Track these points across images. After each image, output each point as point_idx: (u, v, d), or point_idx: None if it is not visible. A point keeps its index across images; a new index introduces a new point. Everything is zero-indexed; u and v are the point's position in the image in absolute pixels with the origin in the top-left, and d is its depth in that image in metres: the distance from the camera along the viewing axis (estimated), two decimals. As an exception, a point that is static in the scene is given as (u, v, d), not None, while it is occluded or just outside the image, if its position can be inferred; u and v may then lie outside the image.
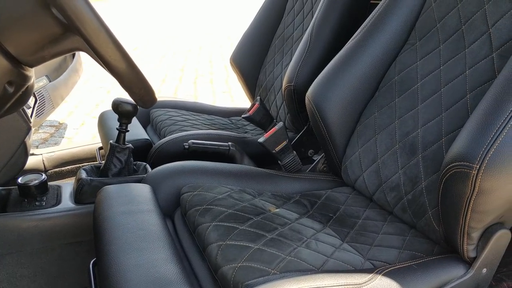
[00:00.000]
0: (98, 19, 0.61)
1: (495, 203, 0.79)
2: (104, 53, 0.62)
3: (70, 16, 0.58)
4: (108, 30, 0.63)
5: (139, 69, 0.68)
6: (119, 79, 0.67)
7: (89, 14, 0.59)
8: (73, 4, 0.57)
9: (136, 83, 0.68)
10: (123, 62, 0.64)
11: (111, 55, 0.63)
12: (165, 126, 1.65)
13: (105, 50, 0.62)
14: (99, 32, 0.61)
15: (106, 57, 0.63)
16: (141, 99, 0.74)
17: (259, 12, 1.98)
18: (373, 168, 1.12)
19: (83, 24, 0.59)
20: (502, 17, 0.94)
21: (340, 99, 1.19)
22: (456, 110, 0.96)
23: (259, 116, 1.50)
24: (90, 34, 0.60)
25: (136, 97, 0.73)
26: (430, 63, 1.07)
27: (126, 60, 0.65)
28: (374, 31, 1.19)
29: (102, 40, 0.61)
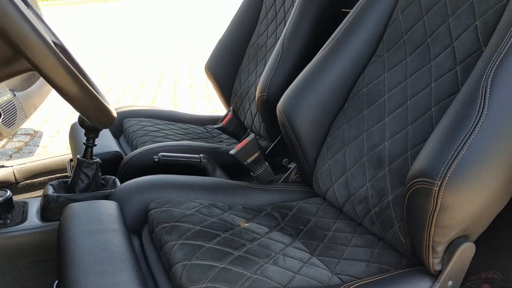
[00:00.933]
0: (46, 44, 0.59)
1: (458, 218, 0.80)
2: (53, 78, 0.60)
3: (15, 41, 0.56)
4: (57, 54, 0.61)
5: (93, 91, 0.67)
6: (71, 103, 0.66)
7: (36, 39, 0.57)
8: (18, 29, 0.55)
9: (90, 106, 0.66)
10: (75, 86, 0.63)
11: (61, 80, 0.61)
12: (137, 137, 1.63)
13: (55, 74, 0.60)
14: (47, 57, 0.59)
15: (56, 82, 0.61)
16: (97, 121, 0.72)
17: (233, 20, 1.97)
18: (342, 180, 1.12)
19: (29, 50, 0.57)
20: (465, 30, 0.94)
21: (310, 110, 1.19)
22: (421, 123, 0.96)
23: (232, 126, 1.49)
24: (37, 59, 0.58)
25: (92, 119, 0.71)
26: (397, 76, 1.07)
27: (78, 83, 0.64)
28: (342, 43, 1.19)
29: (50, 65, 0.59)
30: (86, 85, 0.64)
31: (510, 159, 0.78)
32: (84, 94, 0.64)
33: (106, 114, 0.72)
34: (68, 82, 0.62)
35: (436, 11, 1.02)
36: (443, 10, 1.01)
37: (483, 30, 0.91)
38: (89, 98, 0.65)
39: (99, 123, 0.73)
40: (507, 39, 0.79)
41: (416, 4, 1.08)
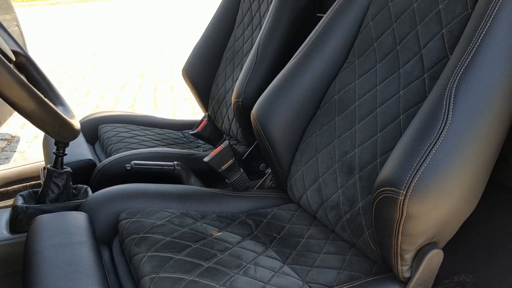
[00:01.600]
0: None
1: (424, 226, 0.80)
2: (8, 94, 0.59)
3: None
4: (11, 69, 0.60)
5: (51, 106, 0.65)
6: (28, 119, 0.64)
7: (-14, 56, 0.56)
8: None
9: (48, 121, 0.65)
10: (31, 102, 0.61)
11: (16, 96, 0.60)
12: (111, 143, 1.61)
13: (9, 91, 0.59)
14: (0, 74, 0.57)
15: (10, 98, 0.60)
16: (58, 135, 0.71)
17: (210, 24, 1.96)
18: (315, 187, 1.12)
19: (-20, 68, 0.56)
20: (432, 38, 0.95)
21: (284, 117, 1.19)
22: (390, 131, 0.97)
23: (207, 132, 1.48)
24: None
25: (52, 134, 0.70)
26: (367, 83, 1.08)
27: (35, 99, 0.62)
28: (315, 49, 1.19)
29: (4, 81, 0.58)
30: (43, 101, 0.62)
31: (474, 167, 0.79)
32: (42, 109, 0.63)
33: (67, 128, 0.70)
34: (23, 97, 0.60)
35: (405, 18, 1.03)
36: (411, 18, 1.01)
37: (449, 39, 0.92)
38: (46, 114, 0.64)
39: (60, 137, 0.71)
40: (470, 48, 0.80)
41: (386, 11, 1.09)
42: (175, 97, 4.34)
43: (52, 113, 0.65)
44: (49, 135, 0.73)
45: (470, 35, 0.82)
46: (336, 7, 1.19)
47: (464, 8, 0.90)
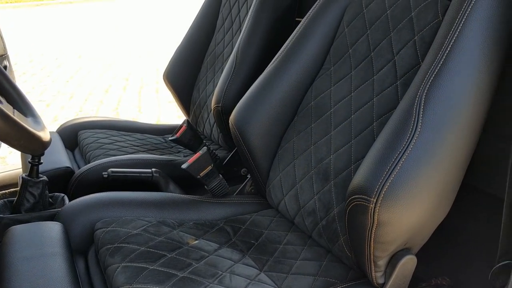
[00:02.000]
0: None
1: (396, 233, 0.81)
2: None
3: None
4: None
5: (15, 119, 0.64)
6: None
7: None
8: None
9: (12, 135, 0.64)
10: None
11: (-24, 111, 0.59)
12: (90, 150, 1.60)
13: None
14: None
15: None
16: (25, 148, 0.70)
17: (191, 28, 1.95)
18: (292, 193, 1.13)
19: None
20: (405, 45, 0.96)
21: (261, 123, 1.19)
22: (363, 137, 0.97)
23: (186, 138, 1.48)
24: None
25: (18, 148, 0.69)
26: (342, 89, 1.08)
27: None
28: (292, 55, 1.20)
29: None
30: (5, 114, 0.61)
31: (444, 175, 0.80)
32: (4, 123, 0.62)
33: (34, 141, 0.70)
34: None
35: (379, 25, 1.04)
36: (385, 24, 1.02)
37: (421, 46, 0.93)
38: (10, 127, 0.63)
39: (27, 150, 0.71)
40: (440, 56, 0.81)
41: (360, 18, 1.09)
42: (159, 100, 4.32)
43: (17, 127, 0.64)
44: (15, 149, 0.73)
45: (440, 43, 0.83)
46: (312, 14, 1.20)
47: (435, 16, 0.91)
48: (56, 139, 1.73)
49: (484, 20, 0.81)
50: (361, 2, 1.11)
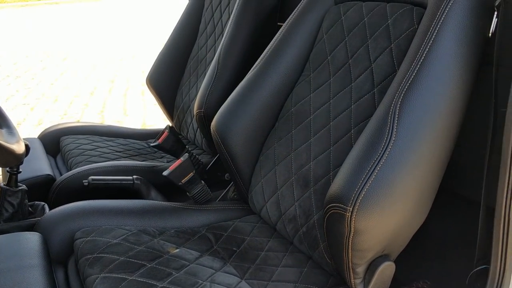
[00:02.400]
0: None
1: (373, 241, 0.81)
2: None
3: None
4: None
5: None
6: None
7: None
8: None
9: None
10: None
11: None
12: (72, 156, 1.59)
13: None
14: None
15: None
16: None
17: (174, 32, 1.95)
18: (274, 199, 1.13)
19: None
20: (382, 53, 0.97)
21: (243, 129, 1.19)
22: (342, 144, 0.98)
23: (168, 144, 1.47)
24: None
25: (-10, 162, 0.68)
26: (322, 96, 1.09)
27: None
28: (272, 62, 1.20)
29: None
30: None
31: (419, 183, 0.80)
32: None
33: (6, 154, 0.69)
34: None
35: (357, 32, 1.04)
36: (363, 32, 1.03)
37: (397, 53, 0.93)
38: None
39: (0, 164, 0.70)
40: (414, 65, 0.82)
41: (338, 25, 1.10)
42: (145, 103, 4.30)
43: None
44: None
45: (414, 52, 0.84)
46: (291, 21, 1.20)
47: (411, 24, 0.92)
48: (37, 145, 1.71)
49: (458, 28, 0.82)
50: (339, 9, 1.11)
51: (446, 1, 0.83)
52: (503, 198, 0.81)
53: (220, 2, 1.78)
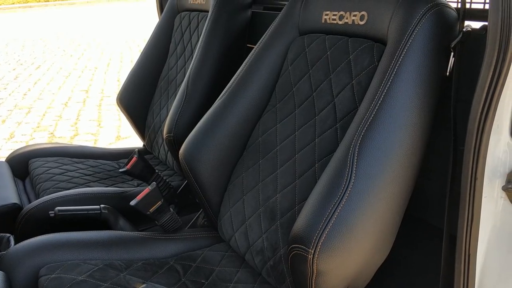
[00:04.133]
0: None
1: (336, 280, 0.82)
2: None
3: None
4: None
5: None
6: None
7: None
8: None
9: None
10: None
11: None
12: (40, 182, 1.56)
13: None
14: None
15: None
16: None
17: (144, 51, 1.94)
18: (242, 230, 1.13)
19: None
20: (343, 88, 0.98)
21: (211, 158, 1.19)
22: (306, 178, 0.99)
23: (137, 169, 1.46)
24: None
25: None
26: (287, 128, 1.09)
27: None
28: (239, 90, 1.21)
29: None
30: None
31: (379, 223, 0.82)
32: None
33: None
34: None
35: (320, 66, 1.06)
36: (325, 66, 1.04)
37: (358, 90, 0.95)
38: None
39: None
40: (374, 105, 0.83)
41: (303, 57, 1.11)
42: (120, 113, 4.25)
43: None
44: None
45: (374, 92, 0.86)
46: (258, 50, 1.21)
47: (371, 61, 0.94)
48: (4, 170, 1.68)
49: (416, 68, 0.84)
50: (304, 41, 1.12)
51: (404, 41, 0.85)
52: (463, 232, 0.83)
53: (189, 23, 1.77)
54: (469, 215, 0.83)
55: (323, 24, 1.08)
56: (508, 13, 0.69)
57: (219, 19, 1.56)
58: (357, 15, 1.00)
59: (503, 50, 0.70)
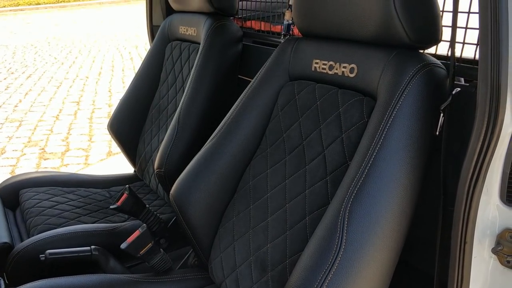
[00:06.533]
0: None
1: None
2: None
3: None
4: None
5: None
6: None
7: None
8: None
9: None
10: None
11: None
12: (31, 216, 1.55)
13: None
14: None
15: None
16: None
17: (135, 78, 1.93)
18: (233, 277, 1.13)
19: None
20: (333, 141, 0.98)
21: (202, 201, 1.19)
22: (297, 231, 0.99)
23: (128, 206, 1.46)
24: None
25: None
26: (278, 174, 1.09)
27: None
28: (230, 132, 1.20)
29: None
30: None
31: (371, 286, 0.82)
32: None
33: None
34: None
35: (310, 115, 1.06)
36: (315, 115, 1.04)
37: (347, 145, 0.95)
38: None
39: None
40: (362, 169, 0.83)
41: (293, 104, 1.11)
42: (112, 127, 4.23)
43: None
44: None
45: (363, 153, 0.86)
46: (248, 93, 1.21)
47: (361, 117, 0.94)
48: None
49: (405, 129, 0.84)
50: (294, 87, 1.12)
51: (394, 102, 0.85)
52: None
53: (180, 54, 1.77)
54: (459, 276, 0.84)
55: (313, 72, 1.08)
56: (498, 89, 0.70)
57: (211, 53, 1.56)
58: (347, 67, 1.00)
59: (492, 124, 0.71)
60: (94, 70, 6.69)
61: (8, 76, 6.39)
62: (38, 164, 3.40)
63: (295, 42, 1.15)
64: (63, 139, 3.90)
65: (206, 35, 1.57)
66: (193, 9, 1.69)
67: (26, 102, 5.06)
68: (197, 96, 1.55)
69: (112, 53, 8.08)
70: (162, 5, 2.01)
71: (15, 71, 6.73)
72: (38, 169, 3.32)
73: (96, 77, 6.25)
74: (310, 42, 1.11)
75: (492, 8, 0.68)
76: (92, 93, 5.41)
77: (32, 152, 3.62)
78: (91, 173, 2.08)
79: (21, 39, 9.88)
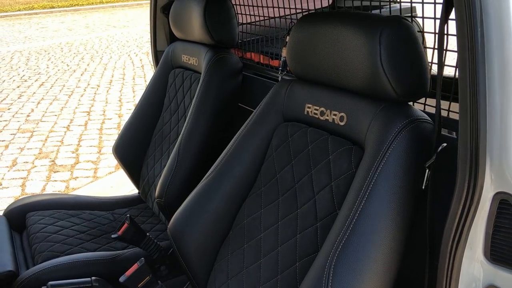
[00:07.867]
0: None
1: None
2: None
3: None
4: None
5: None
6: None
7: None
8: None
9: None
10: None
11: None
12: (36, 242, 1.60)
13: None
14: None
15: None
16: None
17: (140, 102, 1.97)
18: (227, 315, 1.15)
19: None
20: (323, 188, 1.00)
21: (197, 238, 1.22)
22: (288, 276, 1.01)
23: (129, 235, 1.49)
24: None
25: None
26: (271, 215, 1.12)
27: None
28: (226, 170, 1.23)
29: None
30: None
31: None
32: None
33: None
34: None
35: (302, 159, 1.08)
36: (307, 160, 1.07)
37: (337, 193, 0.97)
38: None
39: None
40: (348, 225, 0.85)
41: (286, 146, 1.14)
42: (121, 138, 4.29)
43: None
44: None
45: (349, 207, 0.87)
46: (245, 131, 1.23)
47: (349, 167, 0.96)
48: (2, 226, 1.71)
49: (392, 186, 0.86)
50: (287, 129, 1.15)
51: (380, 157, 0.87)
52: None
53: (182, 82, 1.81)
54: None
55: (306, 116, 1.11)
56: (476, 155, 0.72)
57: (211, 85, 1.60)
58: (337, 115, 1.02)
59: (472, 190, 0.73)
60: (105, 79, 6.78)
61: (21, 84, 6.50)
62: (48, 177, 3.46)
63: (289, 84, 1.18)
64: (73, 151, 3.97)
65: (206, 67, 1.61)
66: (194, 39, 1.73)
67: (38, 112, 5.15)
68: (196, 127, 1.59)
69: (124, 60, 8.17)
70: (166, 31, 2.05)
71: (28, 78, 6.84)
72: (47, 181, 3.39)
73: (107, 86, 6.33)
74: (303, 86, 1.13)
75: (471, 80, 0.70)
76: (102, 103, 5.48)
77: (42, 164, 3.69)
78: (97, 190, 2.12)
79: (35, 44, 10.03)
